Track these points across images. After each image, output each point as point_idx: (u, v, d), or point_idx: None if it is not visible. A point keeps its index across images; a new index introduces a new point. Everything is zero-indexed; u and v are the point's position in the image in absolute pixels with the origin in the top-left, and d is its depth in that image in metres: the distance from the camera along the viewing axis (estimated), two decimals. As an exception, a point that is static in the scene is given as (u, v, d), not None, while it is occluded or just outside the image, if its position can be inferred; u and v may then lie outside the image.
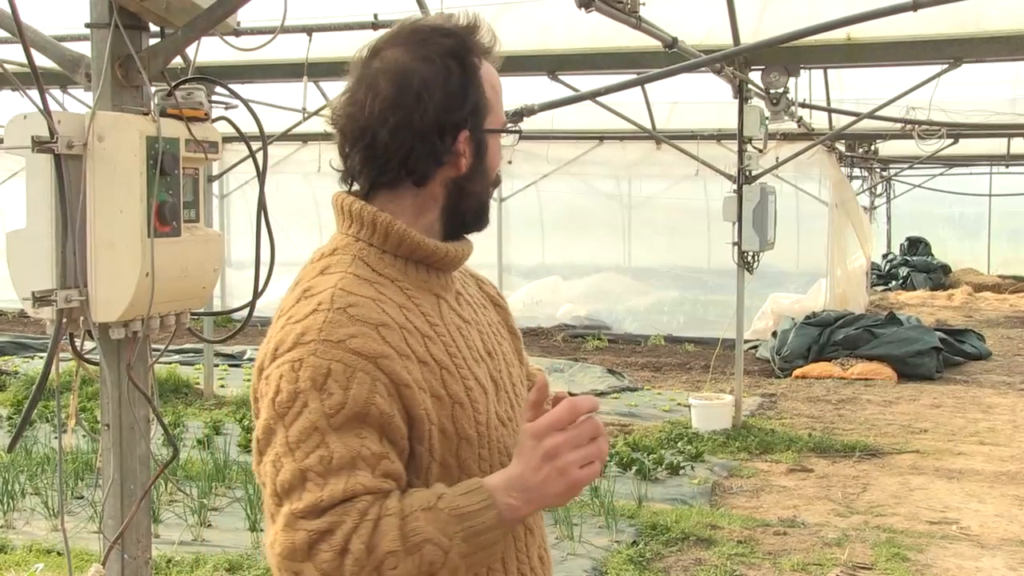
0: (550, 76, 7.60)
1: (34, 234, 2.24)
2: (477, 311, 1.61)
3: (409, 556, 1.29)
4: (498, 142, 1.55)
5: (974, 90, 9.97)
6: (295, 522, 1.30)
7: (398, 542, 1.28)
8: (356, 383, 1.33)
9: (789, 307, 12.37)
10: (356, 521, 1.29)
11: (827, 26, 5.65)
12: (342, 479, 1.30)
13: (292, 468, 1.31)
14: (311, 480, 1.31)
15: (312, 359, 1.34)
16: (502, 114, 1.56)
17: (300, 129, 8.24)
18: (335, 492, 1.29)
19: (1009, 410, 8.87)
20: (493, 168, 1.56)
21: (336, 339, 1.35)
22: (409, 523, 1.30)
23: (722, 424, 7.82)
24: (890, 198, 21.09)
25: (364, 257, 1.48)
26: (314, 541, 1.29)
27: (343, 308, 1.38)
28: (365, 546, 1.28)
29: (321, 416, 1.32)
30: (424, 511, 1.31)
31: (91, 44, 2.36)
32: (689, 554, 5.21)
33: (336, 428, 1.32)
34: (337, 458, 1.31)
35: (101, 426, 2.43)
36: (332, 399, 1.32)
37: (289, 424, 1.33)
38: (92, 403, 7.51)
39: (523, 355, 1.73)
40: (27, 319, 12.68)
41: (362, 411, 1.33)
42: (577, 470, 1.33)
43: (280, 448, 1.34)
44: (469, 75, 1.48)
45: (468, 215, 1.55)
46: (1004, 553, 5.29)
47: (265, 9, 3.19)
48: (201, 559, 5.00)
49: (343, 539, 1.28)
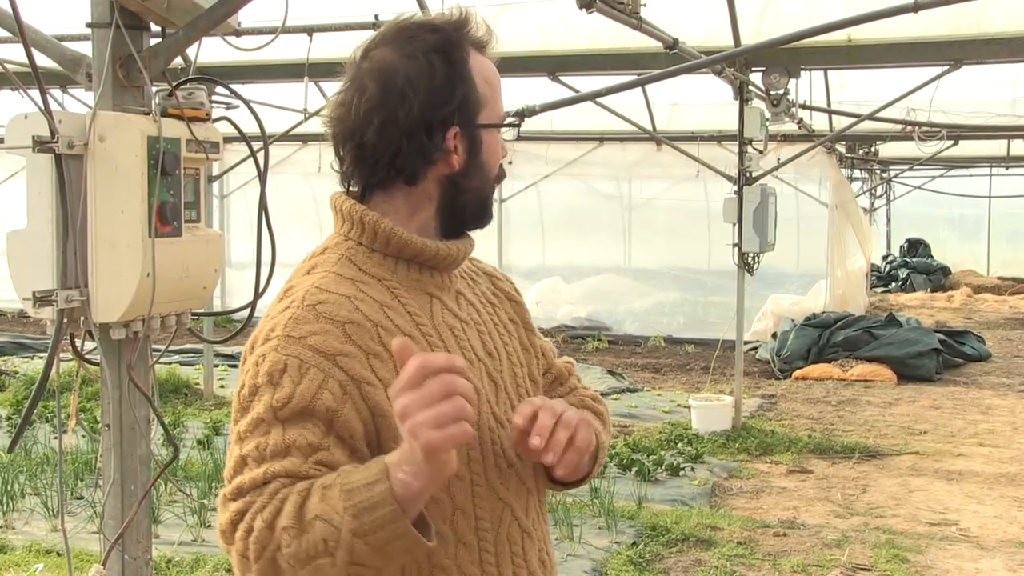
0: (551, 77, 7.60)
1: (35, 234, 2.24)
2: (480, 311, 1.59)
3: (303, 533, 1.26)
4: (495, 137, 1.52)
5: (974, 91, 9.97)
6: (225, 504, 1.34)
7: (293, 519, 1.27)
8: (307, 379, 1.34)
9: (789, 308, 12.37)
10: (265, 502, 1.30)
11: (828, 27, 5.64)
12: (265, 466, 1.32)
13: (236, 456, 1.36)
14: (247, 466, 1.34)
15: (272, 355, 1.37)
16: (499, 108, 1.52)
17: (301, 129, 8.25)
18: (256, 475, 1.32)
19: (1008, 412, 8.87)
20: (491, 163, 1.53)
21: (298, 336, 1.37)
22: (307, 501, 1.28)
23: (722, 425, 7.82)
24: (890, 199, 21.10)
25: (351, 256, 1.48)
26: (233, 522, 1.32)
27: (312, 306, 1.39)
28: (265, 524, 1.28)
29: (268, 408, 1.34)
30: (322, 488, 1.28)
31: (92, 44, 2.36)
32: (689, 555, 5.21)
33: (282, 420, 1.34)
34: (272, 446, 1.33)
35: (101, 426, 2.43)
36: (281, 392, 1.34)
37: (243, 417, 1.38)
38: (92, 403, 7.51)
39: (538, 347, 1.68)
40: (27, 319, 12.68)
41: (308, 407, 1.33)
42: (428, 431, 1.20)
43: (234, 438, 1.38)
44: (456, 69, 1.46)
45: (467, 212, 1.53)
46: (1003, 554, 5.29)
47: (266, 9, 3.19)
48: (201, 559, 5.00)
49: (250, 518, 1.30)
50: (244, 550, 1.30)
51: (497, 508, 1.46)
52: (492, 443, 1.47)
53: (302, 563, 1.27)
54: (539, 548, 1.54)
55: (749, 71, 7.66)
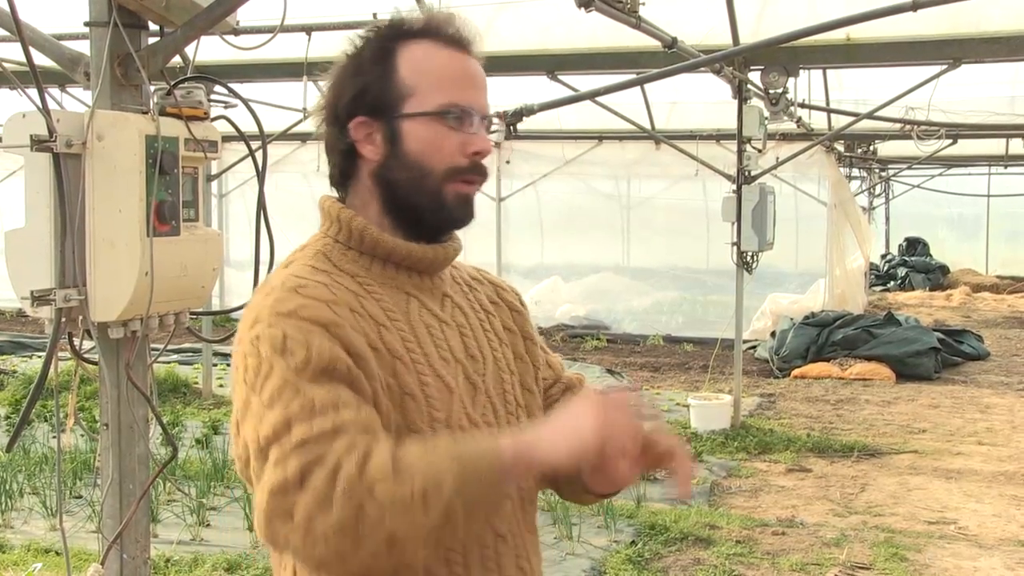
0: (549, 76, 7.60)
1: (33, 233, 2.24)
2: (469, 315, 1.57)
3: (400, 479, 1.23)
4: (426, 126, 1.46)
5: (973, 91, 9.97)
6: (286, 457, 1.25)
7: (389, 464, 1.24)
8: (316, 339, 1.33)
9: (788, 307, 12.37)
10: (347, 446, 1.24)
11: (826, 26, 5.65)
12: (328, 418, 1.27)
13: (273, 419, 1.28)
14: (295, 424, 1.27)
15: (267, 331, 1.34)
16: (439, 98, 1.46)
17: (299, 128, 8.23)
18: (324, 426, 1.26)
19: (1007, 410, 8.88)
20: (425, 154, 1.46)
21: (287, 311, 1.36)
22: (401, 451, 1.26)
23: (721, 424, 7.81)
24: (889, 198, 21.12)
25: (327, 252, 1.50)
26: (307, 469, 1.23)
27: (293, 288, 1.39)
28: (357, 467, 1.22)
29: (291, 372, 1.30)
30: (418, 446, 1.28)
31: (90, 43, 2.35)
32: (688, 554, 5.21)
33: (309, 380, 1.30)
34: (319, 402, 1.28)
35: (100, 425, 2.43)
36: (296, 357, 1.31)
37: (261, 389, 1.31)
38: (91, 402, 7.51)
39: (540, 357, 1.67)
40: (26, 318, 12.67)
41: (328, 365, 1.32)
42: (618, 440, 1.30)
43: (257, 411, 1.31)
44: (376, 60, 1.48)
45: (417, 209, 1.48)
46: (1002, 553, 5.29)
47: (265, 8, 3.19)
48: (200, 559, 5.00)
49: (335, 461, 1.23)
50: (326, 493, 1.21)
51: None
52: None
53: (394, 512, 1.22)
54: (516, 555, 1.51)
55: (748, 70, 7.66)
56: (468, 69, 1.50)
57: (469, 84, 1.49)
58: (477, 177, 1.49)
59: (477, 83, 1.50)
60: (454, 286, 1.59)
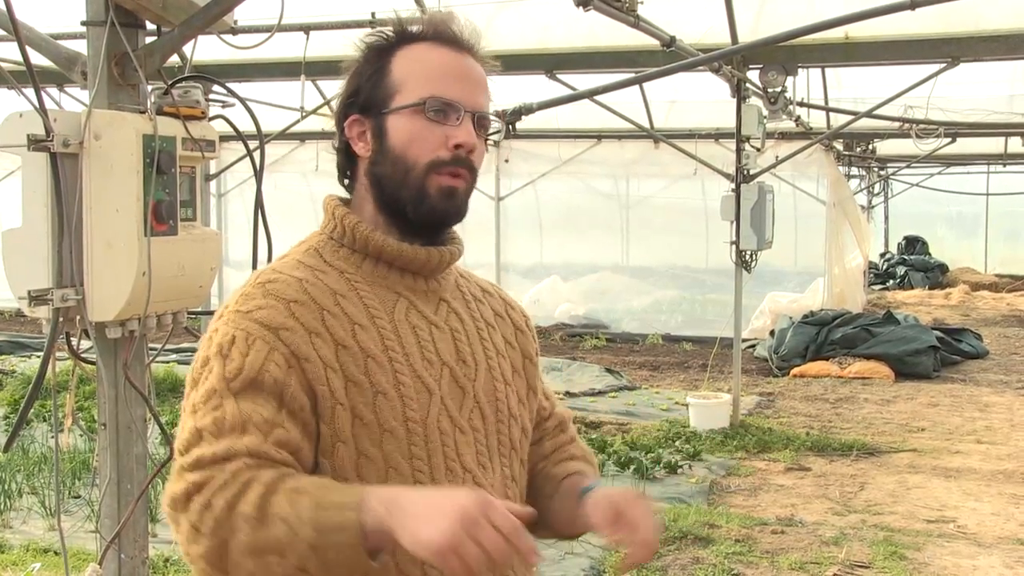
0: (548, 75, 7.60)
1: (30, 233, 2.23)
2: (466, 322, 1.56)
3: (261, 527, 1.27)
4: (408, 119, 1.47)
5: (972, 89, 9.97)
6: (181, 474, 1.34)
7: (254, 510, 1.27)
8: (254, 350, 1.38)
9: (787, 306, 12.37)
10: (226, 480, 1.30)
11: (825, 25, 5.64)
12: (231, 439, 1.33)
13: (191, 427, 1.37)
14: (204, 439, 1.35)
15: (223, 328, 1.42)
16: (420, 90, 1.46)
17: (298, 128, 8.23)
18: (217, 450, 1.32)
19: (1006, 409, 8.88)
20: (405, 148, 1.46)
21: (245, 310, 1.42)
22: (272, 496, 1.28)
23: (720, 423, 7.81)
24: (888, 197, 21.12)
25: (320, 248, 1.53)
26: (190, 492, 1.32)
27: (262, 284, 1.45)
28: (226, 504, 1.28)
29: (221, 379, 1.37)
30: (292, 491, 1.29)
31: (87, 42, 2.35)
32: (687, 553, 5.21)
33: (234, 392, 1.36)
34: (229, 419, 1.34)
35: (98, 425, 2.43)
36: (232, 364, 1.38)
37: (198, 389, 1.40)
38: (89, 402, 7.50)
39: (538, 383, 1.68)
40: (23, 318, 12.66)
41: (257, 377, 1.37)
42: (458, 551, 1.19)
43: (188, 410, 1.40)
44: (372, 62, 1.51)
45: (400, 202, 1.48)
46: (1001, 551, 5.29)
47: (262, 7, 3.18)
48: (198, 558, 4.99)
49: (210, 494, 1.30)
50: (198, 523, 1.30)
51: None
52: (443, 445, 1.45)
53: (252, 554, 1.28)
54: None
55: (747, 69, 7.65)
56: (458, 64, 1.50)
57: (455, 78, 1.48)
58: (461, 171, 1.48)
59: (466, 78, 1.49)
60: (455, 293, 1.59)
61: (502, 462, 1.54)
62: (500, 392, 1.56)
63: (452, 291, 1.58)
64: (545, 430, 1.70)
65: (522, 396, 1.62)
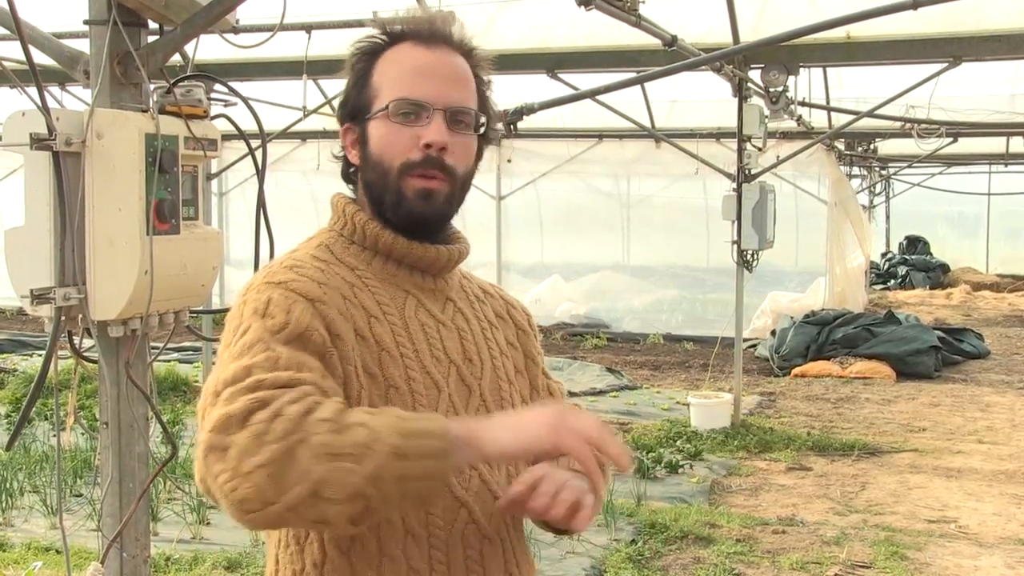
0: (549, 74, 7.60)
1: (33, 231, 2.23)
2: (471, 322, 1.57)
3: (341, 430, 1.21)
4: (381, 123, 1.47)
5: (973, 89, 9.97)
6: (236, 396, 1.24)
7: (334, 415, 1.23)
8: (298, 309, 1.36)
9: (788, 306, 12.37)
10: (297, 396, 1.24)
11: (826, 24, 5.64)
12: (288, 372, 1.28)
13: (237, 366, 1.28)
14: (255, 371, 1.27)
15: (254, 296, 1.38)
16: (390, 94, 1.47)
17: (299, 127, 8.23)
18: (280, 377, 1.26)
19: (1007, 409, 8.88)
20: (383, 153, 1.47)
21: (277, 281, 1.40)
22: (351, 410, 1.26)
23: (721, 423, 7.81)
24: (889, 197, 21.10)
25: (330, 244, 1.53)
26: (252, 408, 1.22)
27: (289, 267, 1.44)
28: (303, 410, 1.22)
29: (265, 331, 1.32)
30: (369, 411, 1.28)
31: (90, 41, 2.35)
32: (688, 552, 5.21)
33: (283, 342, 1.32)
34: (285, 359, 1.29)
35: (100, 424, 2.43)
36: (275, 320, 1.34)
37: (234, 344, 1.33)
38: (91, 401, 7.51)
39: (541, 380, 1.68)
40: (26, 317, 12.67)
41: (304, 333, 1.34)
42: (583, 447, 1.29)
43: (224, 362, 1.32)
44: (359, 68, 1.52)
45: (382, 205, 1.49)
46: (1002, 551, 5.29)
47: (264, 6, 3.18)
48: (200, 557, 5.00)
49: (280, 405, 1.22)
50: (263, 432, 1.20)
51: (452, 506, 1.43)
52: None
53: (326, 458, 1.19)
54: (505, 559, 1.49)
55: (748, 68, 7.65)
56: (429, 62, 1.48)
57: (424, 76, 1.47)
58: (433, 171, 1.46)
59: (437, 74, 1.48)
60: (460, 293, 1.60)
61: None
62: (505, 391, 1.57)
63: (457, 291, 1.59)
64: None
65: (525, 396, 1.63)
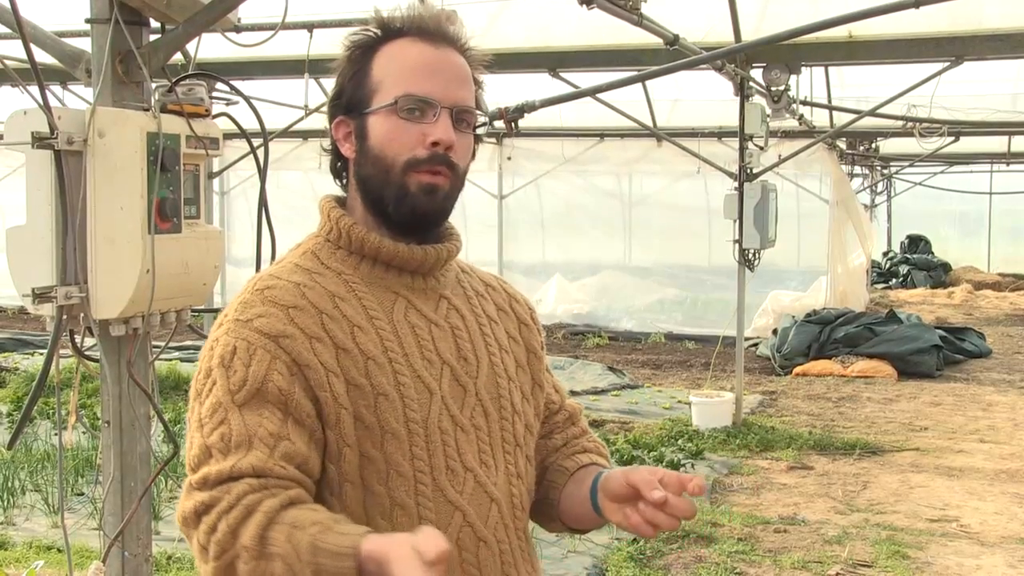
0: (551, 73, 7.59)
1: (34, 230, 2.24)
2: (467, 319, 1.56)
3: (260, 560, 1.28)
4: (385, 119, 1.46)
5: (975, 88, 9.97)
6: (191, 491, 1.35)
7: (256, 541, 1.28)
8: (256, 360, 1.38)
9: (789, 305, 12.36)
10: (231, 503, 1.31)
11: (828, 23, 5.64)
12: (236, 457, 1.34)
13: (199, 443, 1.37)
14: (213, 456, 1.35)
15: (224, 338, 1.42)
16: (396, 89, 1.45)
17: (301, 126, 8.22)
18: (223, 468, 1.33)
19: (1009, 408, 8.87)
20: (384, 148, 1.46)
21: (245, 319, 1.42)
22: (273, 529, 1.28)
23: (722, 422, 7.81)
24: (891, 196, 21.08)
25: (316, 250, 1.53)
26: (198, 512, 1.33)
27: (260, 290, 1.45)
28: (229, 530, 1.30)
29: (225, 392, 1.38)
30: (292, 527, 1.28)
31: (91, 40, 2.35)
32: (689, 551, 5.21)
33: (239, 404, 1.37)
34: (235, 435, 1.35)
35: (101, 423, 2.43)
36: (235, 376, 1.38)
37: (203, 402, 1.40)
38: (93, 400, 7.51)
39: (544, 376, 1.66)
40: (27, 315, 12.68)
41: (261, 388, 1.37)
42: None
43: (194, 424, 1.40)
44: (354, 61, 1.51)
45: (383, 201, 1.48)
46: (1004, 551, 5.29)
47: (266, 5, 3.18)
48: (201, 556, 4.99)
49: (215, 516, 1.31)
50: (206, 544, 1.32)
51: (446, 510, 1.43)
52: (444, 444, 1.45)
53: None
54: (502, 561, 1.50)
55: (750, 67, 7.65)
56: (435, 59, 1.48)
57: (431, 74, 1.47)
58: (440, 168, 1.46)
59: (443, 72, 1.47)
60: (456, 289, 1.58)
61: (506, 459, 1.53)
62: (503, 388, 1.55)
63: (453, 287, 1.57)
64: (555, 424, 1.68)
65: (526, 391, 1.61)
